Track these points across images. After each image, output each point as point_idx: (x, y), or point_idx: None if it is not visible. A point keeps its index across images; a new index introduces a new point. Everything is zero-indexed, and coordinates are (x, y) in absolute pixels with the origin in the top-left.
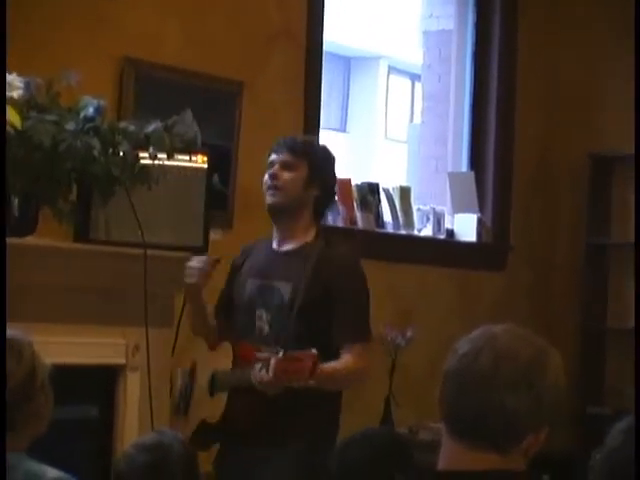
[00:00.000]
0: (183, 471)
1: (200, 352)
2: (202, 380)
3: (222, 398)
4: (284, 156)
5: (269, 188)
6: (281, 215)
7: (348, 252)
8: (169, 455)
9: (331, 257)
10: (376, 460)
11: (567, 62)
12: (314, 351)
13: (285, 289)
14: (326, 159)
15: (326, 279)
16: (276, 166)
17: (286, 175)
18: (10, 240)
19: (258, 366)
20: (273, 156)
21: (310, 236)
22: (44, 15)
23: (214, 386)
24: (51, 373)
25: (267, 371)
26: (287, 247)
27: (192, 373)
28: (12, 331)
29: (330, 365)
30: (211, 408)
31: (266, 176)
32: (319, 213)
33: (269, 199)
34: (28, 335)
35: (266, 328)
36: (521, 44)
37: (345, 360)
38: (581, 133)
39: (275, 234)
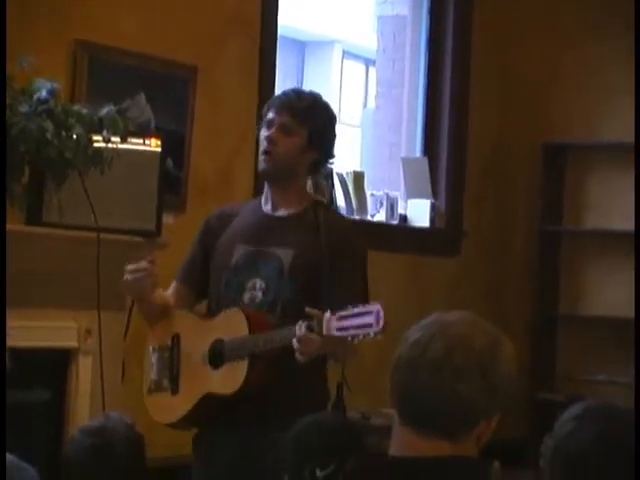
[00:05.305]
0: (128, 454)
1: (182, 325)
2: (192, 350)
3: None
4: (283, 118)
5: (264, 153)
6: (274, 181)
7: (348, 220)
8: (113, 438)
9: (332, 224)
10: (328, 445)
11: (521, 50)
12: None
13: (285, 256)
14: (328, 122)
15: (327, 246)
16: (273, 129)
17: (283, 140)
18: None
19: (303, 324)
20: (271, 115)
21: (306, 201)
22: None
23: (223, 355)
24: None
25: (319, 329)
26: (283, 212)
27: (175, 344)
28: None
29: None
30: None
31: (262, 136)
32: (315, 172)
33: (261, 165)
34: None
35: (259, 296)
36: (475, 30)
37: None
38: (535, 121)
39: (268, 198)
